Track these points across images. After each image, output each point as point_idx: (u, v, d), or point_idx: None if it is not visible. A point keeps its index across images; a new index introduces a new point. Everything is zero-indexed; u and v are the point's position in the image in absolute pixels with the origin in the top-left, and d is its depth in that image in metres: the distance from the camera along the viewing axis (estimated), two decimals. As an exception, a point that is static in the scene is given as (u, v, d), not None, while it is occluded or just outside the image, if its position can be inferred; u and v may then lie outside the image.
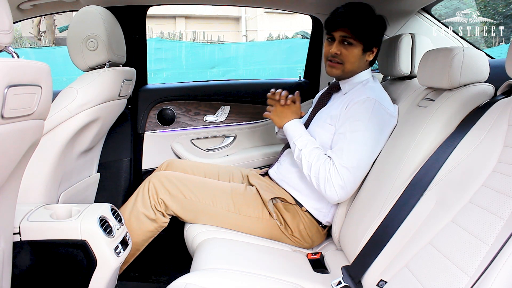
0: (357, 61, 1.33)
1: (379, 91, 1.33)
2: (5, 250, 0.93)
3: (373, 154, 1.24)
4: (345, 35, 1.29)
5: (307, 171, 1.27)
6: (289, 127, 1.37)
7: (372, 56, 1.36)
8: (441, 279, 0.73)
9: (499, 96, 0.99)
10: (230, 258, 1.15)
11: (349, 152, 1.20)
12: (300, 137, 1.33)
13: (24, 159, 0.88)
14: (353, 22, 1.28)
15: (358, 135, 1.21)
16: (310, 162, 1.26)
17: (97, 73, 1.41)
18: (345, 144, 1.22)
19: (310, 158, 1.27)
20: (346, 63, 1.33)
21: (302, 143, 1.31)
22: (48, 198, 1.31)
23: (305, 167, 1.27)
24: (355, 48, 1.31)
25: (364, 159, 1.22)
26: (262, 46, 7.62)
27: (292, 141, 1.34)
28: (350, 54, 1.31)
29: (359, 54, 1.32)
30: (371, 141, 1.22)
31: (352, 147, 1.21)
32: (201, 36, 8.68)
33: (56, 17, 8.64)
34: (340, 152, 1.22)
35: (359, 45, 1.31)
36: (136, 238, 1.32)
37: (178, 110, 2.00)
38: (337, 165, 1.20)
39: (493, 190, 0.76)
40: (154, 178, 1.34)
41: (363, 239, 1.05)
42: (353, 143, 1.21)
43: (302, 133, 1.35)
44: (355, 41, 1.30)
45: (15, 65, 0.74)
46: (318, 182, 1.23)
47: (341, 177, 1.19)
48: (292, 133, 1.35)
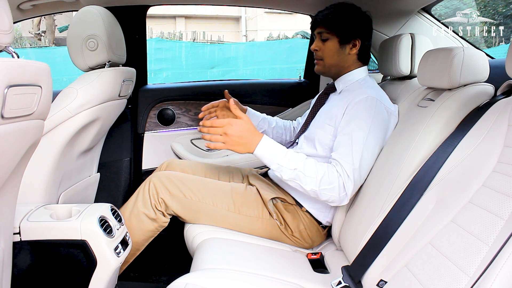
0: (336, 55, 1.36)
1: (378, 90, 1.33)
2: (5, 250, 0.93)
3: (377, 153, 1.24)
4: (321, 30, 1.36)
5: (315, 186, 1.15)
6: (263, 150, 1.16)
7: (355, 49, 1.36)
8: (441, 279, 0.73)
9: (499, 96, 0.99)
10: (230, 258, 1.15)
11: (356, 153, 1.18)
12: (284, 156, 1.16)
13: (24, 159, 0.88)
14: (327, 17, 1.33)
15: (363, 135, 1.20)
16: (318, 177, 1.15)
17: (97, 73, 1.40)
18: (352, 146, 1.19)
19: (312, 173, 1.15)
20: (325, 58, 1.37)
21: (292, 161, 1.16)
22: (48, 198, 1.31)
23: (310, 184, 1.15)
24: (331, 42, 1.35)
25: (370, 158, 1.21)
26: (262, 46, 7.62)
27: (276, 163, 1.16)
28: (326, 48, 1.36)
29: (336, 47, 1.35)
30: (376, 140, 1.22)
31: (359, 148, 1.18)
32: (201, 36, 8.68)
33: (56, 17, 8.64)
34: (348, 155, 1.18)
35: (335, 38, 1.34)
36: (136, 238, 1.32)
37: (178, 110, 2.00)
38: (346, 168, 1.16)
39: (493, 190, 0.76)
40: (155, 177, 1.34)
41: (363, 239, 1.06)
42: (359, 145, 1.19)
43: (282, 150, 1.17)
44: (329, 35, 1.34)
45: (15, 65, 0.74)
46: (332, 193, 1.16)
47: (353, 181, 1.16)
48: (271, 156, 1.16)
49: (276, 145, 1.18)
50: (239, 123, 1.15)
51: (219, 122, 1.14)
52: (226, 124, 1.14)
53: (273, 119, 1.68)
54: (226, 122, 1.14)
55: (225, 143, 1.14)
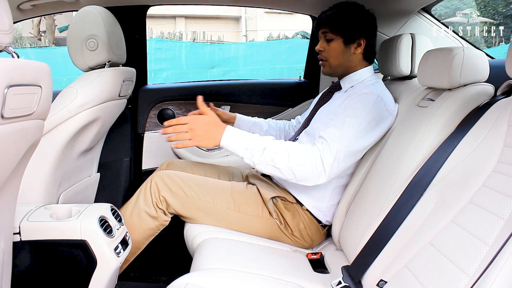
0: (341, 55, 1.35)
1: (382, 89, 1.33)
2: (5, 250, 0.93)
3: (364, 143, 1.21)
4: (325, 31, 1.36)
5: (286, 162, 1.13)
6: (229, 139, 1.15)
7: (360, 48, 1.35)
8: (441, 279, 0.73)
9: (499, 96, 0.99)
10: (230, 258, 1.15)
11: (346, 135, 1.17)
12: (251, 139, 1.15)
13: (24, 159, 0.88)
14: (331, 18, 1.33)
15: (357, 122, 1.19)
16: (288, 152, 1.14)
17: (97, 73, 1.41)
18: (342, 128, 1.18)
19: (282, 149, 1.14)
20: (329, 58, 1.37)
21: (259, 142, 1.15)
22: (48, 198, 1.31)
23: (282, 161, 1.13)
24: (335, 42, 1.35)
25: (359, 146, 1.20)
26: (262, 46, 7.62)
27: (244, 148, 1.15)
28: (331, 49, 1.36)
29: (341, 48, 1.35)
30: (369, 131, 1.21)
31: (349, 131, 1.17)
32: (201, 36, 8.69)
33: (56, 17, 8.65)
34: (336, 135, 1.17)
35: (339, 38, 1.34)
36: (137, 236, 1.32)
37: (178, 110, 2.00)
38: (331, 144, 1.15)
39: (493, 190, 0.76)
40: (156, 176, 1.35)
41: (363, 239, 1.06)
42: (350, 128, 1.18)
43: (247, 134, 1.17)
44: (334, 35, 1.34)
45: (15, 65, 0.74)
46: (306, 168, 1.13)
47: (334, 157, 1.14)
48: (238, 142, 1.15)
49: (241, 132, 1.17)
50: (203, 117, 1.16)
51: (183, 119, 1.14)
52: (190, 120, 1.14)
53: (265, 122, 1.65)
54: (191, 118, 1.15)
55: (192, 138, 1.13)
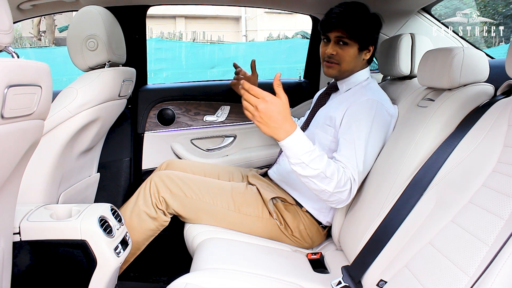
0: (354, 61, 1.33)
1: (379, 92, 1.33)
2: (5, 250, 0.93)
3: (377, 153, 1.24)
4: (340, 35, 1.29)
5: (331, 188, 1.08)
6: (291, 144, 1.02)
7: (369, 54, 1.36)
8: (441, 279, 0.73)
9: (499, 96, 0.99)
10: (230, 258, 1.15)
11: (359, 156, 1.17)
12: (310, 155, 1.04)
13: (24, 159, 0.88)
14: (348, 23, 1.27)
15: (365, 137, 1.19)
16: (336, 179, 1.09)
17: (97, 73, 1.40)
18: (355, 149, 1.18)
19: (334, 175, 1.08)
20: (342, 63, 1.33)
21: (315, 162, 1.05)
22: (48, 198, 1.31)
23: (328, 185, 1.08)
24: (351, 48, 1.31)
25: (371, 160, 1.22)
26: (262, 46, 7.62)
27: (298, 158, 1.03)
28: (346, 54, 1.31)
29: (355, 54, 1.32)
30: (377, 142, 1.22)
31: (361, 151, 1.18)
32: (201, 36, 8.69)
33: (56, 17, 8.65)
34: (352, 158, 1.16)
35: (355, 45, 1.31)
36: (137, 237, 1.32)
37: (178, 110, 2.00)
38: (352, 171, 1.14)
39: (493, 190, 0.76)
40: (156, 177, 1.35)
41: (363, 239, 1.06)
42: (361, 147, 1.18)
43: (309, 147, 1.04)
44: (351, 41, 1.30)
45: (15, 65, 0.74)
46: (341, 196, 1.12)
47: (357, 184, 1.15)
48: (297, 150, 1.03)
49: (306, 141, 1.04)
50: (274, 103, 0.98)
51: (255, 91, 0.98)
52: (260, 97, 0.98)
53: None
54: (262, 96, 0.98)
55: (254, 116, 1.00)
